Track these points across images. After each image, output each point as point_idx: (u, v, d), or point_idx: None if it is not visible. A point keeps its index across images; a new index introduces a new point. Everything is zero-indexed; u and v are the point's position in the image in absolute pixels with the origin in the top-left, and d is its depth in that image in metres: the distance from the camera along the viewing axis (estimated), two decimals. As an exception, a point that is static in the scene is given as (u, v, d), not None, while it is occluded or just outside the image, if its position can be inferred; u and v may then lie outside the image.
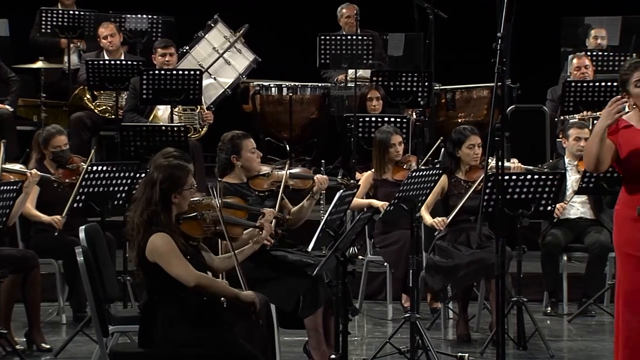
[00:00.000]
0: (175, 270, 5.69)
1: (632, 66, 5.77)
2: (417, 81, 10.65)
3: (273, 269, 6.74)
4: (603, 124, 5.66)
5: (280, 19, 12.98)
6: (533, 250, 8.80)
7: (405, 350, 7.10)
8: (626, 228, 5.76)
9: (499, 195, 5.86)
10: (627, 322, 5.73)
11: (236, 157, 6.97)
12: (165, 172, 5.81)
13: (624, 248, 5.79)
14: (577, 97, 10.42)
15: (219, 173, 7.03)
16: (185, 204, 5.88)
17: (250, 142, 7.03)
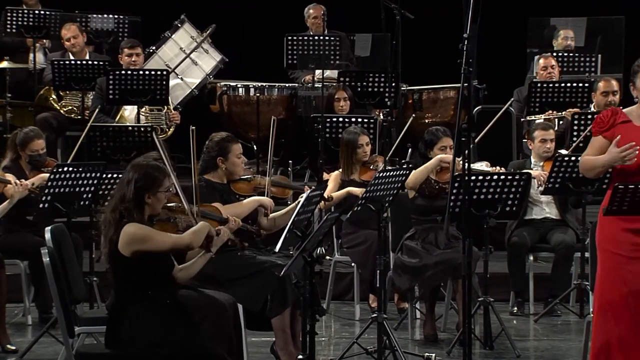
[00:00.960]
0: (167, 241, 5.74)
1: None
2: (384, 82, 10.67)
3: (241, 270, 6.74)
4: (611, 164, 5.73)
5: (247, 19, 12.96)
6: (499, 251, 8.85)
7: (373, 351, 7.11)
8: (609, 225, 5.79)
9: (465, 196, 5.87)
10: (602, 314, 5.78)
11: (222, 159, 7.00)
12: (142, 171, 5.82)
13: (606, 245, 5.82)
14: (543, 98, 10.47)
15: (201, 170, 7.05)
16: (158, 206, 5.88)
17: (238, 146, 7.08)
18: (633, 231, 5.72)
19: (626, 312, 5.72)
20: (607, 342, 5.77)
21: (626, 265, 5.73)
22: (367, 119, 9.99)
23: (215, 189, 6.93)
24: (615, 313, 5.74)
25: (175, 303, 5.80)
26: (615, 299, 5.74)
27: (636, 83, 5.79)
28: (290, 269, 6.15)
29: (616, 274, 5.75)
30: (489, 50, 11.41)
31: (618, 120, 5.78)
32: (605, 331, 5.77)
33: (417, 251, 7.91)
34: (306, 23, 11.92)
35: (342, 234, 8.74)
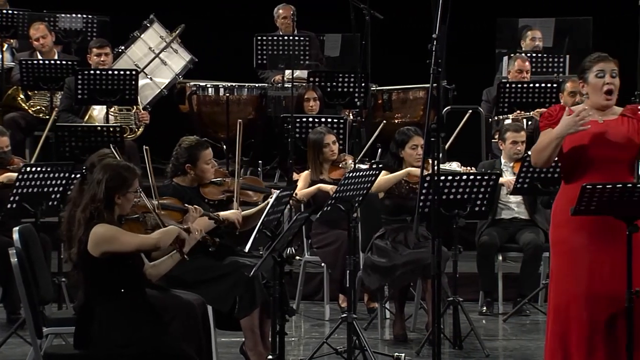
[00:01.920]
0: (133, 242, 5.71)
1: (599, 57, 5.84)
2: (353, 82, 10.68)
3: (210, 271, 6.72)
4: (564, 132, 5.70)
5: (216, 19, 12.94)
6: (469, 250, 8.87)
7: (342, 351, 7.12)
8: (561, 226, 5.83)
9: (435, 196, 5.89)
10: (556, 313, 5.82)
11: (190, 166, 6.95)
12: (113, 171, 5.81)
13: (558, 246, 5.85)
14: (512, 98, 10.51)
15: (171, 174, 7.02)
16: (128, 206, 5.87)
17: (208, 152, 7.01)
18: (585, 232, 5.75)
19: (580, 313, 5.74)
20: (562, 342, 5.79)
21: (579, 265, 5.75)
22: (336, 119, 10.00)
23: (184, 193, 6.89)
24: (569, 313, 5.77)
25: (144, 303, 5.79)
26: (569, 299, 5.77)
27: (588, 79, 5.83)
28: (260, 269, 6.15)
29: (569, 275, 5.77)
30: (458, 50, 11.45)
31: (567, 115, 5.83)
32: (559, 332, 5.80)
33: (387, 251, 7.93)
34: (275, 23, 11.92)
35: (311, 234, 8.74)
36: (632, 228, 5.60)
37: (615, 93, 5.82)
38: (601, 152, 5.74)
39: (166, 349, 5.70)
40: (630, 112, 5.84)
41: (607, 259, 5.72)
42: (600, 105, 5.81)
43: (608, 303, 5.71)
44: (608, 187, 5.53)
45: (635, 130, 5.79)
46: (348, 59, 11.91)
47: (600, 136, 5.76)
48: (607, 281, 5.72)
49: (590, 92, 5.82)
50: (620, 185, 5.54)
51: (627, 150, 5.76)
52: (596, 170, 5.72)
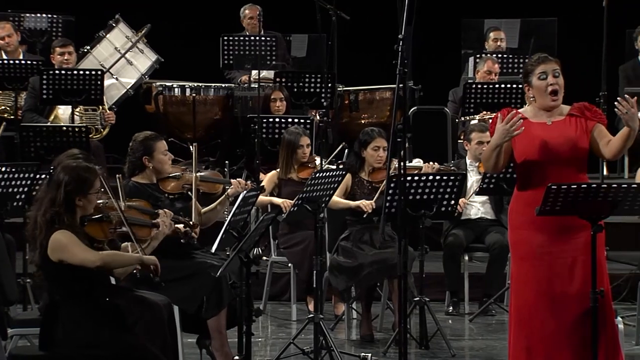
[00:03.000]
0: (79, 256, 5.65)
1: (539, 59, 5.89)
2: (320, 82, 10.69)
3: (176, 271, 6.70)
4: (500, 141, 5.76)
5: (182, 19, 12.91)
6: (435, 250, 8.89)
7: (309, 351, 7.12)
8: (520, 227, 5.86)
9: (401, 196, 5.90)
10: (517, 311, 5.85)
11: (148, 158, 6.94)
12: (72, 174, 5.75)
13: (518, 247, 5.89)
14: (478, 99, 10.56)
15: (129, 173, 6.99)
16: (90, 207, 5.83)
17: (162, 144, 7.03)
18: (543, 232, 5.78)
19: (542, 313, 5.77)
20: (525, 343, 5.82)
21: (538, 266, 5.78)
22: (303, 119, 10.00)
23: (144, 191, 6.86)
24: (531, 314, 5.80)
25: (109, 304, 5.76)
26: (531, 300, 5.80)
27: (532, 82, 5.87)
28: (226, 269, 6.14)
29: (529, 275, 5.80)
30: (424, 51, 11.48)
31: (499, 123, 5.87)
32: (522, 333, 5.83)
33: (353, 251, 7.94)
34: (242, 23, 11.90)
35: (278, 235, 8.74)
36: (596, 228, 5.63)
37: (560, 92, 5.86)
38: (551, 154, 5.77)
39: (131, 349, 5.68)
40: (577, 111, 5.87)
41: (566, 259, 5.75)
42: (547, 106, 5.85)
43: (569, 303, 5.74)
44: (573, 187, 5.56)
45: (584, 130, 5.82)
46: (314, 59, 11.92)
47: (549, 139, 5.79)
48: (567, 281, 5.75)
49: (536, 95, 5.87)
50: (585, 186, 5.57)
51: (577, 150, 5.80)
52: (548, 172, 5.75)
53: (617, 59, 11.64)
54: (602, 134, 5.85)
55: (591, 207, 5.61)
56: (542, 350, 5.78)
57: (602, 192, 5.59)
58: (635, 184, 5.78)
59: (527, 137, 5.81)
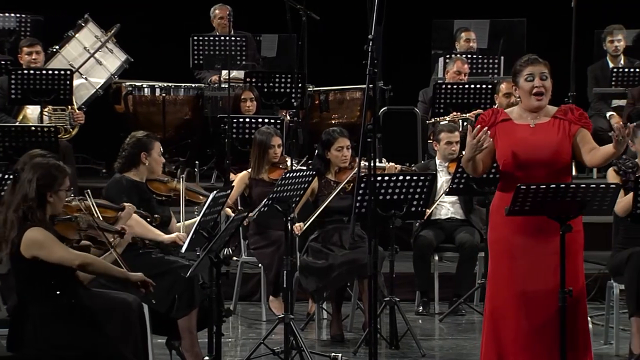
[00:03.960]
0: (57, 254, 5.66)
1: (528, 60, 5.91)
2: (290, 82, 10.69)
3: (147, 271, 6.67)
4: (470, 155, 5.80)
5: (152, 18, 12.87)
6: (405, 251, 8.91)
7: (279, 351, 7.12)
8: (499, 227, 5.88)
9: (371, 196, 5.91)
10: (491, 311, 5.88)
11: (146, 154, 6.99)
12: (43, 170, 5.80)
13: (496, 246, 5.91)
14: (448, 99, 10.58)
15: (120, 168, 7.00)
16: (60, 205, 5.86)
17: (159, 145, 7.13)
18: (523, 232, 5.81)
19: (516, 312, 5.80)
20: (497, 342, 5.85)
21: (517, 266, 5.81)
22: (273, 119, 9.99)
23: (137, 187, 6.90)
24: (506, 313, 5.82)
25: (79, 304, 5.76)
26: (507, 300, 5.82)
27: (519, 83, 5.90)
28: (197, 270, 6.13)
29: (507, 275, 5.83)
30: (394, 51, 11.50)
31: (499, 118, 5.90)
32: (495, 331, 5.85)
33: (323, 252, 7.94)
34: (212, 23, 11.88)
35: (248, 235, 8.73)
36: (565, 228, 5.66)
37: (546, 94, 5.88)
38: (532, 156, 5.80)
39: (102, 349, 5.67)
40: (561, 113, 5.90)
41: (543, 261, 5.78)
42: (532, 107, 5.88)
43: (544, 303, 5.77)
44: (542, 188, 5.58)
45: (567, 133, 5.85)
46: (285, 59, 11.92)
47: (531, 141, 5.82)
48: (543, 281, 5.78)
49: (522, 95, 5.90)
50: (553, 186, 5.60)
51: (559, 154, 5.82)
52: (529, 174, 5.77)
53: (585, 59, 11.71)
54: (585, 140, 5.87)
55: (560, 207, 5.64)
56: (514, 349, 5.80)
57: (571, 192, 5.62)
58: (603, 184, 5.82)
59: (510, 138, 5.83)
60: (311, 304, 8.56)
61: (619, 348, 7.50)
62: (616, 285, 7.50)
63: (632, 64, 11.51)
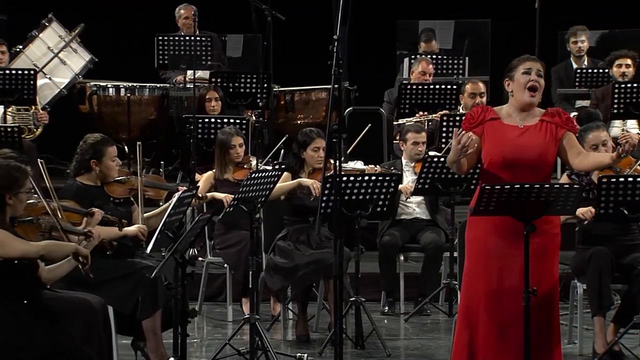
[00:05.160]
0: (18, 248, 5.64)
1: (527, 57, 5.95)
2: (256, 82, 10.68)
3: (111, 271, 6.66)
4: (455, 158, 5.81)
5: (117, 18, 12.82)
6: (371, 251, 8.92)
7: (245, 352, 7.11)
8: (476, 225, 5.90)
9: (337, 197, 5.91)
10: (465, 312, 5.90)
11: (96, 162, 6.90)
12: (3, 171, 5.74)
13: (473, 245, 5.93)
14: (413, 99, 10.61)
15: (74, 172, 6.95)
16: (20, 207, 5.81)
17: (113, 149, 6.99)
18: (499, 232, 5.83)
19: (490, 312, 5.83)
20: (471, 341, 5.87)
21: (492, 265, 5.84)
22: (239, 119, 9.98)
23: (89, 191, 6.83)
24: (480, 313, 5.85)
25: (40, 305, 5.72)
26: (481, 299, 5.85)
27: (514, 77, 5.91)
28: (161, 270, 6.11)
29: (482, 274, 5.86)
30: (359, 52, 11.52)
31: (487, 117, 5.91)
32: (468, 329, 5.88)
33: (289, 252, 7.94)
34: (177, 23, 11.85)
35: (214, 235, 8.71)
36: (529, 228, 5.69)
37: (539, 91, 5.90)
38: (518, 158, 5.81)
39: (65, 351, 5.64)
40: (549, 116, 5.92)
41: (517, 262, 5.80)
42: (523, 102, 5.88)
43: (516, 304, 5.79)
44: (506, 188, 5.61)
45: (553, 136, 5.88)
46: (250, 59, 11.91)
47: (519, 142, 5.83)
48: (517, 283, 5.80)
49: (515, 89, 5.90)
50: (517, 186, 5.62)
51: (544, 156, 5.85)
52: (513, 175, 5.78)
53: (549, 60, 11.77)
54: (571, 143, 5.92)
55: (524, 207, 5.66)
56: (486, 347, 5.83)
57: (535, 192, 5.64)
58: (567, 184, 5.85)
59: (498, 138, 5.84)
60: (274, 304, 8.56)
61: (583, 347, 7.55)
62: (579, 285, 7.55)
63: (596, 64, 11.59)
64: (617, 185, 6.82)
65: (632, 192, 6.83)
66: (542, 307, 5.80)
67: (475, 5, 12.85)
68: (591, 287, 7.30)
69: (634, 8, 12.71)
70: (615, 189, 6.83)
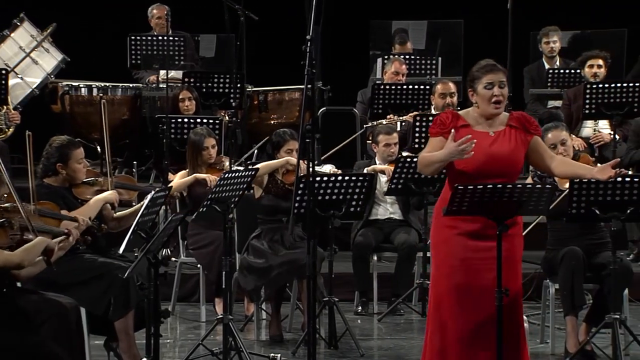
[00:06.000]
0: None
1: (487, 67, 5.91)
2: (229, 83, 10.67)
3: (83, 272, 6.64)
4: (447, 158, 5.79)
5: (89, 18, 12.77)
6: (344, 251, 8.93)
7: (218, 352, 7.10)
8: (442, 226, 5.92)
9: (310, 197, 5.92)
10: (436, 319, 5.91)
11: (62, 165, 6.86)
12: None
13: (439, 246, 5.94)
14: (386, 100, 10.62)
15: (41, 175, 6.90)
16: None
17: (79, 152, 6.95)
18: (465, 233, 5.85)
19: (459, 312, 5.84)
20: (442, 341, 5.88)
21: (458, 266, 5.85)
22: (212, 119, 9.97)
23: (56, 193, 6.80)
24: (449, 315, 5.86)
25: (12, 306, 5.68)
26: (449, 301, 5.86)
27: (477, 90, 5.92)
28: (134, 271, 6.10)
29: (449, 277, 5.87)
30: (332, 52, 11.53)
31: (458, 124, 5.91)
32: (440, 331, 5.89)
33: (263, 251, 7.94)
34: (150, 23, 11.82)
35: (187, 235, 8.70)
36: (502, 228, 5.71)
37: (503, 102, 5.93)
38: (489, 164, 5.82)
39: (38, 352, 5.61)
40: (516, 122, 5.94)
41: (485, 264, 5.82)
42: (489, 114, 5.91)
43: (485, 304, 5.81)
44: (479, 188, 5.63)
45: (521, 142, 5.91)
46: (223, 59, 11.90)
47: (490, 150, 5.84)
48: (485, 284, 5.82)
49: (479, 102, 5.92)
50: (490, 186, 5.65)
51: (514, 163, 5.88)
52: (482, 181, 5.78)
53: (521, 60, 11.83)
54: (541, 148, 5.97)
55: (497, 207, 5.69)
56: (456, 348, 5.84)
57: (507, 193, 5.67)
58: (539, 185, 5.88)
59: None
60: (248, 304, 8.56)
61: (555, 347, 7.58)
62: (551, 284, 7.58)
63: (568, 65, 11.65)
64: (588, 185, 6.86)
65: (603, 192, 6.87)
66: (509, 308, 5.81)
67: (448, 6, 12.89)
68: (563, 287, 7.34)
69: (606, 9, 12.79)
70: (587, 190, 6.87)
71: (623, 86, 9.90)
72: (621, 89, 9.89)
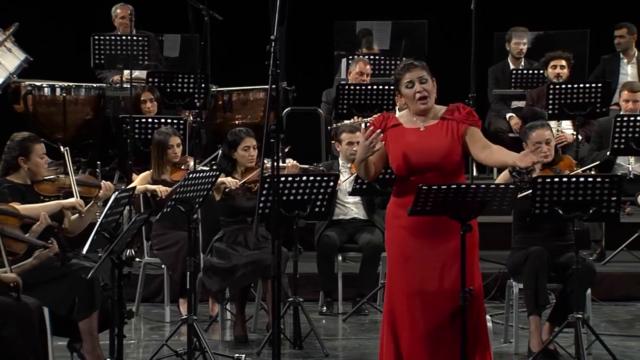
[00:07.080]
0: None
1: (405, 67, 5.95)
2: (193, 82, 10.65)
3: (46, 272, 6.61)
4: (362, 156, 5.83)
5: (52, 17, 12.70)
6: (309, 251, 8.93)
7: (183, 353, 7.08)
8: (390, 227, 5.94)
9: (274, 197, 5.92)
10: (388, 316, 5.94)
11: (24, 159, 6.86)
12: None
13: (390, 247, 5.96)
14: (351, 100, 10.63)
15: (2, 172, 6.88)
16: None
17: (41, 146, 6.96)
18: (417, 234, 5.86)
19: (412, 314, 5.85)
20: (396, 344, 5.90)
21: (410, 267, 5.86)
22: (176, 119, 9.94)
23: (18, 190, 6.78)
24: (403, 315, 5.87)
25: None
26: (403, 301, 5.88)
27: (401, 90, 5.96)
28: (98, 271, 6.07)
29: (402, 276, 5.89)
30: (297, 52, 11.53)
31: (389, 124, 5.94)
32: (394, 333, 5.90)
33: (226, 253, 7.93)
34: (113, 23, 11.77)
35: (152, 236, 8.67)
36: (466, 228, 5.74)
37: (430, 96, 5.92)
38: (424, 160, 5.84)
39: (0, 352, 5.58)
40: (449, 113, 5.95)
41: (437, 262, 5.84)
42: (418, 110, 5.93)
43: (440, 304, 5.83)
44: (443, 188, 5.65)
45: (455, 134, 5.89)
46: (187, 59, 11.86)
47: (421, 145, 5.86)
48: (438, 283, 5.84)
49: (407, 102, 5.97)
50: (454, 186, 5.67)
51: (450, 155, 5.87)
52: (422, 177, 5.80)
53: (485, 60, 11.88)
54: (474, 137, 5.91)
55: (461, 207, 5.71)
56: (411, 350, 5.85)
57: (471, 192, 5.70)
58: (502, 184, 5.91)
59: (401, 143, 5.87)
60: (212, 305, 8.54)
61: (519, 346, 7.62)
62: (515, 284, 7.61)
63: (531, 65, 11.71)
64: (552, 185, 6.89)
65: (566, 192, 6.89)
66: (467, 304, 5.82)
67: (412, 6, 12.92)
68: (527, 287, 7.37)
69: (569, 9, 12.87)
70: (550, 189, 6.90)
71: (586, 87, 9.98)
72: (584, 89, 9.96)
